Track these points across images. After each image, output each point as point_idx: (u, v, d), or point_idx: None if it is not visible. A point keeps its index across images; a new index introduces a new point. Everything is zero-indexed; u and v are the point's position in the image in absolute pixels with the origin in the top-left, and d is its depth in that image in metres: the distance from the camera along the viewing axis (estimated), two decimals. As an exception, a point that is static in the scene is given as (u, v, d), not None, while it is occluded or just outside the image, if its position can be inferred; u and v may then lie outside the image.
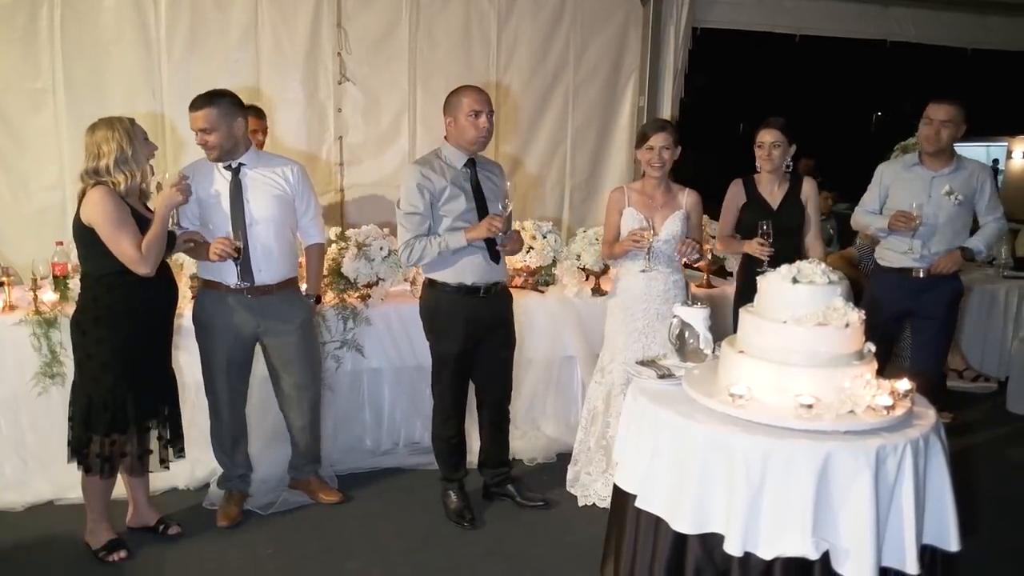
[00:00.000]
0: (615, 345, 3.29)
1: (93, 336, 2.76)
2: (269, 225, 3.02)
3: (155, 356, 2.92)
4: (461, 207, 3.01)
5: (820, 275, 2.21)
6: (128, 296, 2.76)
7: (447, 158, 3.09)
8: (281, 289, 3.08)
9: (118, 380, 2.77)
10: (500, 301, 3.21)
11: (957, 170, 3.61)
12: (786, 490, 1.98)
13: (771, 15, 5.55)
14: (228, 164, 3.01)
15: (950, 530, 2.14)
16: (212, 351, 3.08)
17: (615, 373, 3.27)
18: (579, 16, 5.10)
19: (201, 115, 2.91)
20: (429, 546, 3.04)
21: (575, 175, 5.31)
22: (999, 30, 6.16)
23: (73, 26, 4.11)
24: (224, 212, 2.99)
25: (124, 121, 2.77)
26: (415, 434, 3.87)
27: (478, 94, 3.04)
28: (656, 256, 3.21)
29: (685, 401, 2.27)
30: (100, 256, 2.72)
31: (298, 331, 3.15)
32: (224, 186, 3.00)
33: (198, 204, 3.01)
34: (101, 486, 2.88)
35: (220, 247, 2.87)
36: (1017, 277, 5.28)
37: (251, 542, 3.04)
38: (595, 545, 2.73)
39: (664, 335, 3.18)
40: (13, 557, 2.90)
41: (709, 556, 2.10)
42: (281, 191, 3.06)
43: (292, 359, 3.17)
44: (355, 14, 4.58)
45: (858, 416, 2.07)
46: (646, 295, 3.23)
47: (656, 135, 3.17)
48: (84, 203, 2.72)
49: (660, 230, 3.21)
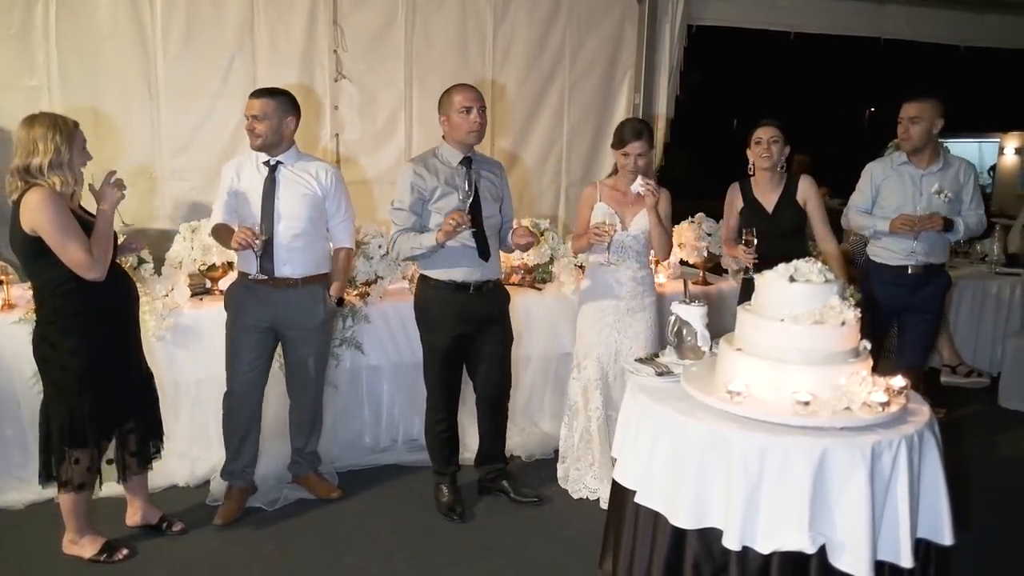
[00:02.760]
0: (587, 340, 3.35)
1: (64, 348, 2.65)
2: (295, 222, 3.09)
3: (128, 357, 2.85)
4: (452, 205, 3.04)
5: (817, 274, 2.24)
6: (90, 299, 2.65)
7: (443, 156, 3.14)
8: (306, 285, 3.14)
9: (100, 387, 2.70)
10: (493, 298, 3.23)
11: (945, 167, 3.64)
12: (783, 485, 2.01)
13: (766, 13, 5.58)
14: (267, 160, 3.10)
15: (944, 524, 2.17)
16: (232, 337, 3.16)
17: (590, 368, 3.33)
18: (575, 13, 5.11)
19: (258, 103, 3.05)
20: (428, 542, 3.06)
21: (571, 172, 5.32)
22: (992, 27, 6.20)
23: (68, 23, 4.10)
24: (255, 205, 3.07)
25: (68, 123, 2.64)
26: (413, 431, 3.88)
27: (468, 91, 3.11)
28: (625, 251, 3.27)
29: (683, 398, 2.29)
30: (50, 266, 2.58)
31: (316, 330, 3.22)
32: (259, 181, 3.10)
33: (235, 196, 3.12)
34: (84, 499, 2.81)
35: (242, 236, 2.92)
36: (1009, 273, 5.32)
37: (252, 538, 3.05)
38: (592, 540, 2.76)
39: (635, 328, 3.30)
40: (14, 556, 2.91)
41: (707, 550, 2.13)
42: (311, 191, 3.14)
43: (305, 356, 3.22)
44: (351, 11, 4.58)
45: (854, 413, 2.10)
46: (615, 290, 3.29)
47: (633, 143, 3.24)
48: (24, 208, 2.53)
49: (630, 225, 3.28)
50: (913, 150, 3.63)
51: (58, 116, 2.66)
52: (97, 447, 2.77)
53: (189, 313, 3.48)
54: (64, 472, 2.74)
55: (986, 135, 12.16)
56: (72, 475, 2.74)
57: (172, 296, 3.48)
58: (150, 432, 2.97)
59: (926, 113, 3.57)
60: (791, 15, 5.61)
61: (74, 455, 2.73)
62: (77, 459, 2.73)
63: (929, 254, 3.68)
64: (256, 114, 3.04)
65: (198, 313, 3.50)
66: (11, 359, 3.26)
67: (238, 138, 4.41)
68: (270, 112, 3.04)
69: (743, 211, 3.59)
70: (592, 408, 3.32)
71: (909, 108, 3.60)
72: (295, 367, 3.26)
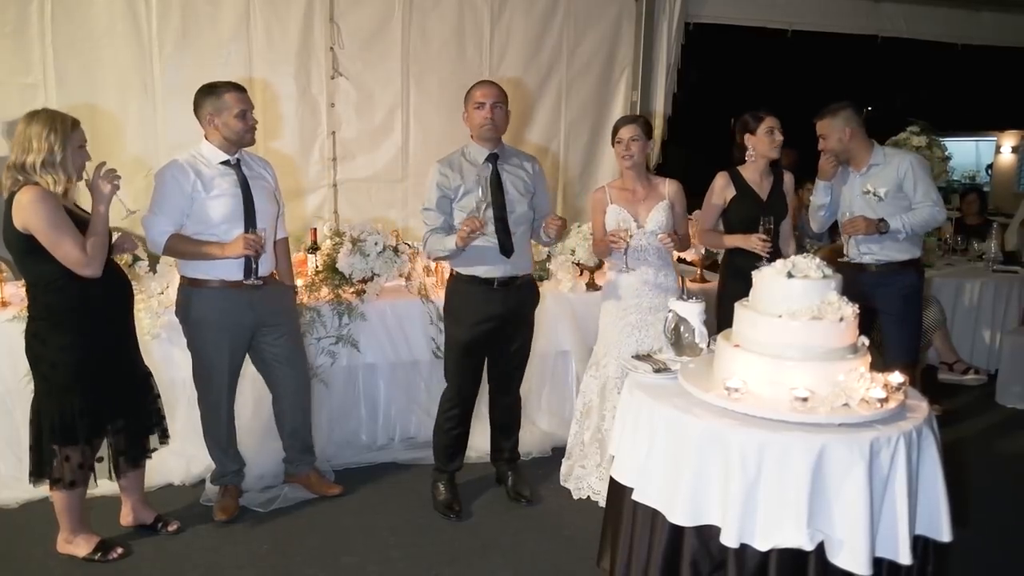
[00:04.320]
0: (609, 339, 3.31)
1: (54, 343, 2.64)
2: (267, 219, 3.08)
3: (120, 355, 2.82)
4: (474, 203, 3.03)
5: (815, 270, 2.23)
6: (82, 296, 2.64)
7: (469, 154, 3.15)
8: (269, 282, 3.14)
9: (91, 384, 2.69)
10: (517, 296, 3.20)
11: (874, 166, 3.60)
12: (781, 482, 2.00)
13: (763, 10, 5.58)
14: (226, 160, 3.04)
15: (942, 521, 2.16)
16: (211, 349, 3.07)
17: (610, 367, 3.29)
18: (572, 11, 5.10)
19: (247, 96, 3.03)
20: (425, 540, 3.05)
21: (568, 170, 5.32)
22: (989, 25, 6.21)
23: (64, 20, 4.08)
24: (234, 209, 2.99)
25: (67, 121, 2.61)
26: (410, 429, 3.88)
27: (484, 87, 3.13)
28: (644, 252, 3.25)
29: (681, 395, 2.29)
30: (42, 262, 2.58)
31: (288, 321, 3.23)
32: (229, 183, 3.01)
33: (192, 200, 2.96)
34: (76, 497, 2.80)
35: (251, 243, 2.88)
36: (1006, 271, 5.32)
37: (248, 537, 3.04)
38: (591, 538, 2.75)
39: (658, 328, 3.21)
40: (9, 555, 2.89)
41: (705, 548, 2.12)
42: (270, 186, 3.16)
43: (285, 348, 3.22)
44: (348, 9, 4.57)
45: (852, 409, 2.09)
46: (637, 289, 3.26)
47: (625, 127, 3.25)
48: (16, 207, 2.53)
49: (646, 222, 3.24)
50: (844, 158, 3.63)
51: (57, 114, 2.64)
52: (89, 444, 2.75)
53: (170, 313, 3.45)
54: (56, 470, 2.73)
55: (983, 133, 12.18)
56: (63, 472, 2.73)
57: (167, 294, 3.46)
58: (142, 431, 2.94)
59: (825, 129, 3.60)
60: (788, 13, 5.62)
61: (65, 452, 2.71)
62: (68, 456, 2.72)
63: (881, 251, 3.61)
64: (252, 106, 3.04)
65: (194, 311, 3.48)
66: (4, 357, 3.24)
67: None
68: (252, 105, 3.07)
69: (735, 200, 3.52)
70: (609, 407, 3.27)
71: (817, 126, 3.65)
72: (280, 359, 3.22)
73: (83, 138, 2.67)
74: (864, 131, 3.64)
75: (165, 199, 2.95)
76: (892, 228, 3.50)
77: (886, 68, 10.15)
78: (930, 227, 3.71)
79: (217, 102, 2.97)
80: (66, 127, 2.60)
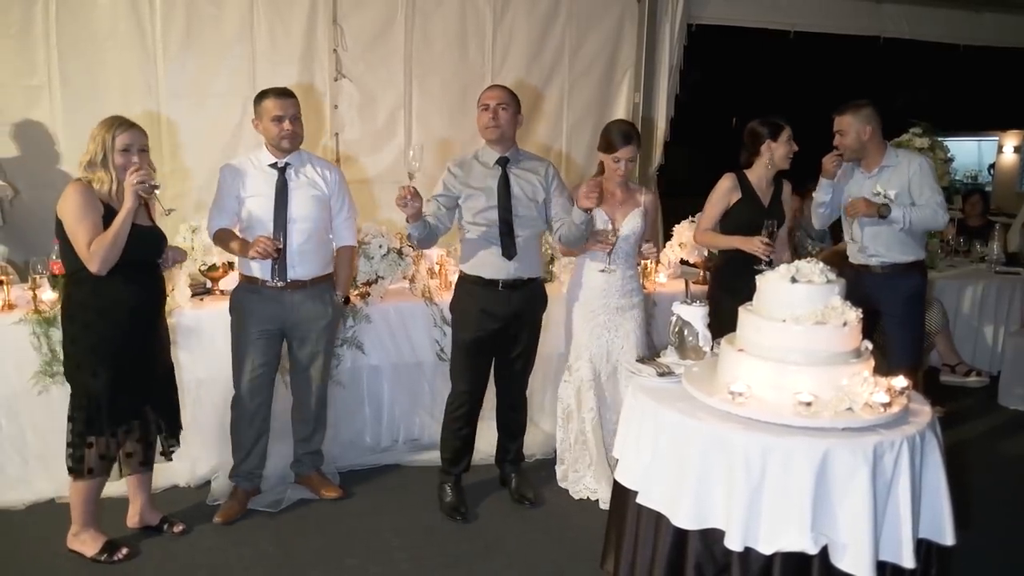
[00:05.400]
0: (580, 342, 3.38)
1: (68, 334, 2.76)
2: (306, 224, 3.10)
3: (135, 356, 2.81)
4: (480, 205, 3.09)
5: (818, 275, 2.24)
6: (96, 293, 2.69)
7: (481, 156, 3.18)
8: (314, 285, 3.16)
9: (91, 380, 2.73)
10: (523, 298, 3.20)
11: (885, 168, 3.61)
12: (785, 486, 2.01)
13: (765, 11, 5.59)
14: (274, 163, 3.08)
15: (946, 524, 2.18)
16: (240, 341, 3.14)
17: (583, 370, 3.36)
18: (574, 13, 5.12)
19: (291, 103, 3.06)
20: (429, 542, 3.06)
21: (571, 172, 5.31)
22: (991, 26, 6.22)
23: (68, 22, 4.10)
24: (265, 210, 3.05)
25: (114, 124, 2.70)
26: (414, 431, 3.89)
27: (491, 90, 3.18)
28: (616, 253, 3.29)
29: (685, 399, 2.30)
30: (70, 253, 2.70)
31: (324, 329, 3.23)
32: (268, 185, 3.07)
33: (238, 201, 3.08)
34: (94, 488, 2.83)
35: (262, 247, 2.91)
36: (1008, 272, 5.32)
37: (253, 539, 3.05)
38: (593, 540, 2.76)
39: (626, 328, 3.33)
40: (16, 556, 2.91)
41: (709, 551, 2.13)
42: (319, 191, 3.16)
43: (312, 355, 3.23)
44: (351, 11, 4.58)
45: (856, 413, 2.10)
46: (605, 291, 3.33)
47: (624, 148, 3.25)
48: (60, 197, 2.70)
49: (621, 226, 3.31)
50: (851, 159, 3.64)
51: (115, 118, 2.73)
52: (114, 436, 2.80)
53: (190, 313, 3.47)
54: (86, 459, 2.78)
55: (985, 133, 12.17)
56: (88, 460, 2.78)
57: (173, 296, 3.47)
58: (155, 434, 2.97)
59: (845, 125, 3.59)
60: (790, 14, 5.63)
61: (88, 439, 2.77)
62: (91, 443, 2.77)
63: (887, 252, 3.62)
64: (295, 114, 3.05)
65: (199, 313, 3.49)
66: (10, 360, 3.25)
67: (238, 137, 4.42)
68: (299, 111, 3.08)
69: (740, 203, 3.52)
70: (586, 409, 3.35)
71: (836, 121, 3.64)
72: (302, 366, 3.26)
73: (129, 141, 2.69)
74: (881, 132, 3.64)
75: (219, 197, 3.14)
76: (892, 216, 3.50)
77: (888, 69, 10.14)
78: (929, 227, 3.70)
79: (259, 107, 3.09)
80: (112, 130, 2.69)
